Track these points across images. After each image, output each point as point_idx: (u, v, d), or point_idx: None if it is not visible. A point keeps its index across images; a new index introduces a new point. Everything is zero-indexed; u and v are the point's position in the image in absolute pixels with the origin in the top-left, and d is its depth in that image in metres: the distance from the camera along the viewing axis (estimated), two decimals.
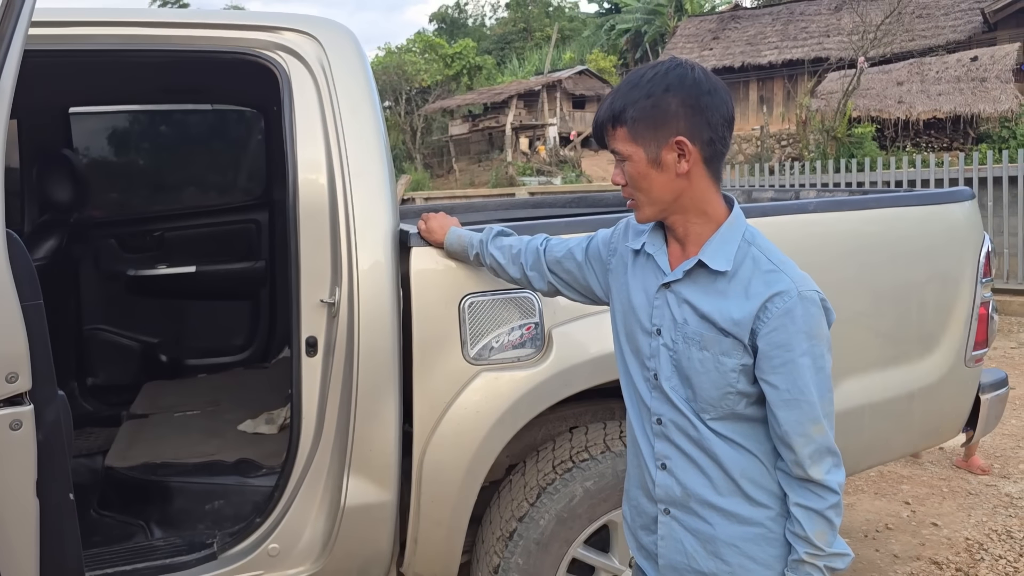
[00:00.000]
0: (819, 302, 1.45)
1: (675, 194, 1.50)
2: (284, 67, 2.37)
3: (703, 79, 1.46)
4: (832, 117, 15.77)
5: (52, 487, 1.47)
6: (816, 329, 1.43)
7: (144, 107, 4.19)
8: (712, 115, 1.46)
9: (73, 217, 3.54)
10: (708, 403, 1.49)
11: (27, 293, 1.41)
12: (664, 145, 1.46)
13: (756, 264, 1.48)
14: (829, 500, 1.44)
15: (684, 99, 1.44)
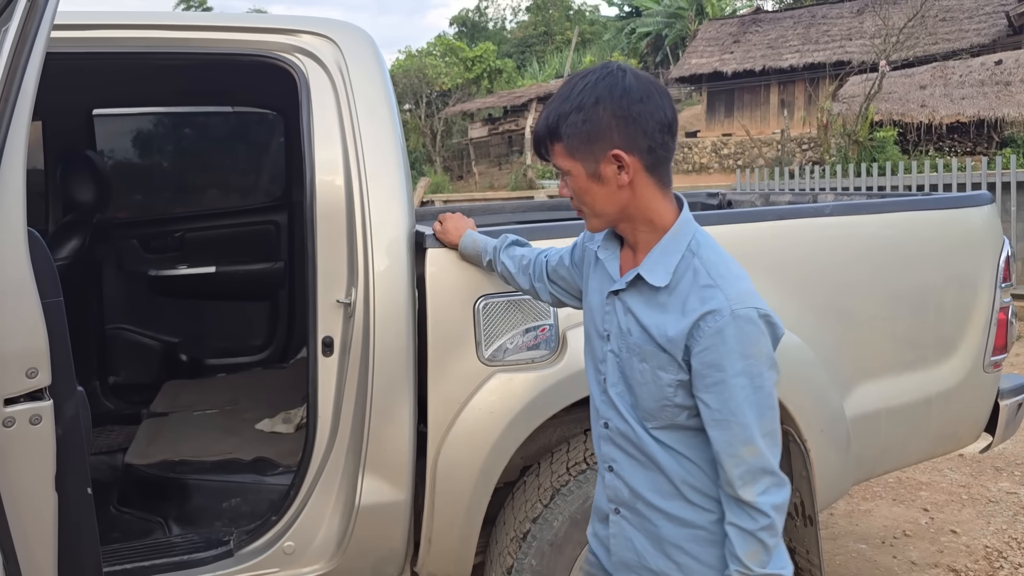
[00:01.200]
0: (757, 320, 1.38)
1: (619, 206, 1.48)
2: (302, 69, 2.39)
3: (634, 86, 1.42)
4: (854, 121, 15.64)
5: (70, 481, 1.50)
6: (752, 348, 1.38)
7: (166, 109, 4.25)
8: (647, 123, 1.42)
9: (96, 217, 3.59)
10: (648, 413, 1.49)
11: (48, 290, 1.44)
12: (601, 159, 1.43)
13: (695, 277, 1.43)
14: (761, 522, 1.39)
15: (615, 110, 1.41)
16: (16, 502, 1.39)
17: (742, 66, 25.43)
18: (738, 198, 4.15)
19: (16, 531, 1.39)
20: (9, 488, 1.37)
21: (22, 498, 1.40)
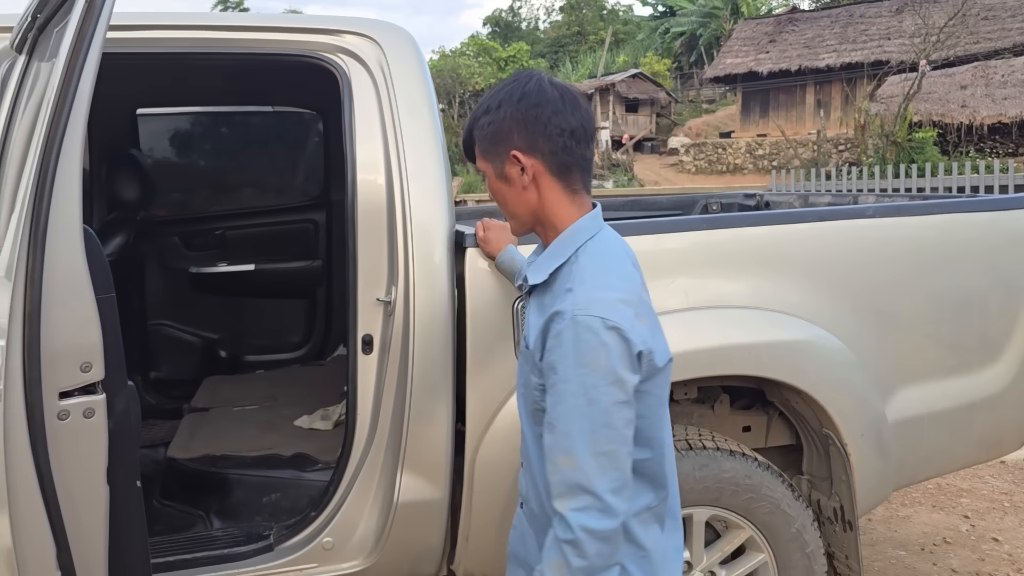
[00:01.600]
0: (599, 330, 1.33)
1: (527, 207, 1.51)
2: (344, 69, 2.42)
3: (534, 91, 1.46)
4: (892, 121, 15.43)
5: (121, 474, 1.53)
6: (588, 357, 1.33)
7: (207, 109, 4.31)
8: (547, 127, 1.45)
9: (139, 215, 3.65)
10: (528, 415, 1.50)
11: (101, 286, 1.47)
12: (505, 160, 1.48)
13: (565, 280, 1.43)
14: (564, 535, 1.33)
15: (513, 114, 1.46)
16: (69, 493, 1.42)
17: (778, 66, 25.18)
18: (775, 199, 4.11)
19: (69, 522, 1.43)
20: (63, 480, 1.40)
21: (75, 490, 1.43)
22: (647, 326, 1.42)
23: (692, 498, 2.41)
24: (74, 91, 1.38)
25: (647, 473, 1.51)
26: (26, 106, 1.99)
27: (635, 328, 1.37)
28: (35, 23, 2.01)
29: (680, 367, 2.41)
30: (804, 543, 2.50)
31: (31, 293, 1.33)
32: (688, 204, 4.14)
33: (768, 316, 2.46)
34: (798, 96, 25.62)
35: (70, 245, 1.40)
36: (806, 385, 2.45)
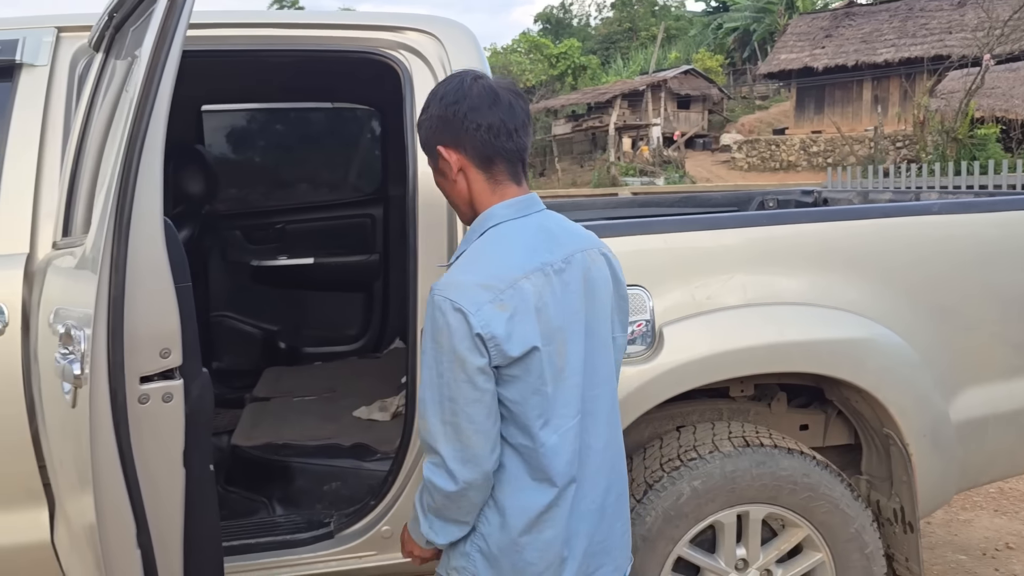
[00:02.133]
0: (446, 311, 1.46)
1: (461, 197, 1.65)
2: (406, 65, 2.45)
3: (452, 90, 1.60)
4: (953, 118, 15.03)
5: (195, 457, 1.58)
6: (436, 334, 1.47)
7: (268, 105, 4.40)
8: (464, 123, 1.57)
9: (204, 209, 3.75)
10: None
11: (179, 276, 1.52)
12: (436, 154, 1.63)
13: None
14: (424, 476, 1.54)
15: (436, 111, 1.61)
16: (149, 475, 1.48)
17: (834, 61, 24.72)
18: (834, 196, 4.05)
19: (148, 503, 1.48)
20: (143, 462, 1.46)
21: (154, 472, 1.49)
22: (507, 312, 1.48)
23: (749, 495, 2.40)
24: (156, 88, 1.43)
25: (529, 461, 1.56)
26: (103, 102, 2.07)
27: (483, 312, 1.46)
28: (111, 22, 2.08)
29: (736, 364, 2.42)
30: (863, 544, 2.47)
31: (115, 281, 1.39)
32: (743, 201, 4.11)
33: (828, 313, 2.43)
34: (854, 92, 25.13)
35: (152, 235, 1.46)
36: (867, 383, 2.42)
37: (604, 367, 1.68)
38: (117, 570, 1.47)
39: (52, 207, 2.20)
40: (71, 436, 1.62)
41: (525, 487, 1.56)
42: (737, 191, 4.74)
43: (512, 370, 1.50)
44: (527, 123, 1.65)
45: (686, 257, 2.42)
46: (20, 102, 2.27)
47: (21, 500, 2.16)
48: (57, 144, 2.26)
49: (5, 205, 2.21)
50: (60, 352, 1.53)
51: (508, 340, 1.47)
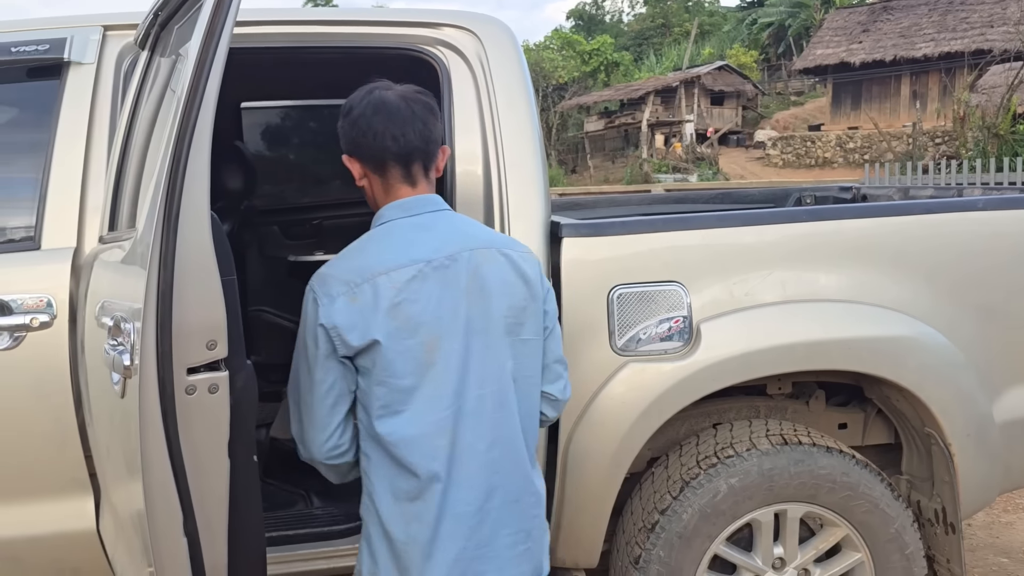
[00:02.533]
0: (308, 298, 1.65)
1: (370, 201, 1.82)
2: (444, 62, 2.46)
3: (347, 104, 1.75)
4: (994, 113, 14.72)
5: (240, 448, 1.61)
6: (302, 316, 1.67)
7: (305, 102, 4.43)
8: (355, 132, 1.72)
9: (243, 205, 3.80)
10: None
11: (224, 269, 1.55)
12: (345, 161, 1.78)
13: None
14: None
15: (340, 124, 1.76)
16: (195, 465, 1.51)
17: (871, 56, 24.37)
18: (873, 192, 4.00)
19: (195, 492, 1.51)
20: (190, 452, 1.48)
21: (200, 462, 1.52)
22: (356, 305, 1.59)
23: (787, 493, 2.39)
24: (204, 85, 1.45)
25: (386, 449, 1.64)
26: (148, 99, 2.10)
27: (335, 304, 1.60)
28: (156, 20, 2.12)
29: (775, 361, 2.41)
30: (903, 544, 2.44)
31: (164, 274, 1.42)
32: (781, 197, 4.07)
33: (869, 310, 2.40)
34: (892, 87, 24.76)
35: (199, 230, 1.49)
36: (908, 382, 2.39)
37: (496, 367, 1.68)
38: (164, 557, 1.50)
39: (98, 202, 2.25)
40: (120, 425, 1.66)
41: (388, 474, 1.64)
42: (773, 187, 4.70)
43: (361, 360, 1.62)
44: (416, 124, 1.71)
45: (724, 253, 2.41)
46: (68, 99, 2.32)
47: (68, 489, 2.21)
48: (103, 140, 2.31)
49: (53, 200, 2.26)
50: (110, 343, 1.56)
51: (350, 331, 1.59)
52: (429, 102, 1.77)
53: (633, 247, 2.37)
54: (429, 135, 1.74)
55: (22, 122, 2.49)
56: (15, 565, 2.25)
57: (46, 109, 2.32)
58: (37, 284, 2.18)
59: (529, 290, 1.74)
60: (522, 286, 1.73)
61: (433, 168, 1.79)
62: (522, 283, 1.73)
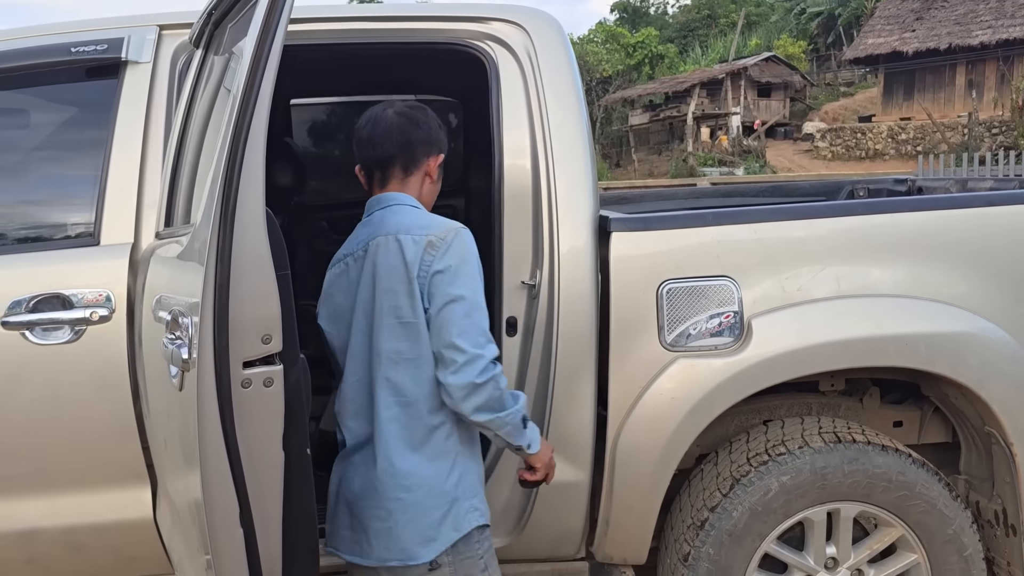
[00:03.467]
0: None
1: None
2: (492, 56, 2.46)
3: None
4: None
5: (294, 441, 1.63)
6: None
7: (352, 98, 4.47)
8: (354, 142, 2.07)
9: (293, 201, 3.84)
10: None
11: (279, 264, 1.57)
12: None
13: None
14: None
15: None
16: (251, 457, 1.53)
17: (925, 45, 23.78)
18: (929, 184, 3.90)
19: (250, 484, 1.54)
20: (245, 444, 1.51)
21: (256, 454, 1.54)
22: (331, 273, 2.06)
23: (840, 492, 2.35)
24: (259, 83, 1.48)
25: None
26: (202, 97, 2.14)
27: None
28: (210, 19, 2.15)
29: (828, 357, 2.37)
30: (962, 546, 2.38)
31: (221, 270, 1.44)
32: (832, 190, 3.99)
33: (927, 306, 2.35)
34: (947, 77, 24.14)
35: (255, 225, 1.51)
36: (968, 379, 2.33)
37: (387, 346, 1.88)
38: (221, 547, 1.53)
39: (154, 198, 2.29)
40: (178, 418, 1.69)
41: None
42: (825, 180, 4.61)
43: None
44: (394, 134, 1.98)
45: (776, 247, 2.37)
46: (125, 98, 2.37)
47: (126, 479, 2.27)
48: (159, 138, 2.35)
49: (112, 197, 2.31)
50: (168, 338, 1.60)
51: (321, 319, 2.09)
52: (416, 116, 2.02)
53: (682, 241, 2.35)
54: (408, 142, 1.99)
55: (81, 121, 2.55)
56: (77, 552, 2.31)
57: (104, 108, 2.38)
58: (96, 279, 2.24)
59: (407, 273, 1.85)
60: (402, 269, 1.85)
61: (416, 170, 2.03)
62: (403, 266, 1.85)
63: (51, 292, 2.21)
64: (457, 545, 1.89)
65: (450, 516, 1.88)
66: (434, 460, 1.89)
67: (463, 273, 1.85)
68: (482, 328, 1.84)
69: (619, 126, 31.21)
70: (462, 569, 1.91)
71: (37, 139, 2.63)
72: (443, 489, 1.88)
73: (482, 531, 1.96)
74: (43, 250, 2.38)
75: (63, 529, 2.28)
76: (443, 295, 1.83)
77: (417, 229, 1.89)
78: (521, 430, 1.91)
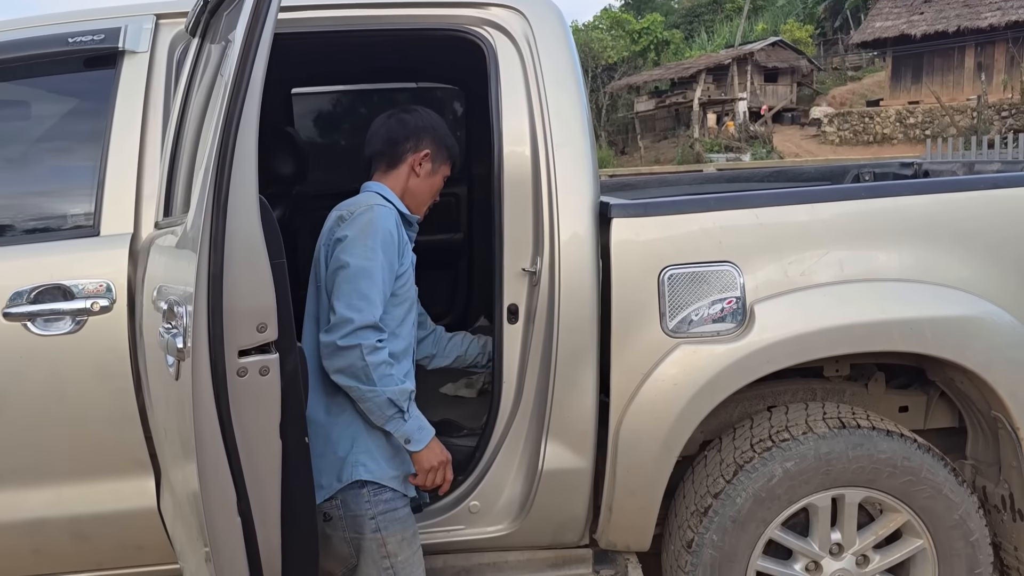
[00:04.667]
0: None
1: None
2: (491, 42, 2.44)
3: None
4: None
5: (291, 430, 1.63)
6: None
7: (351, 87, 4.45)
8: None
9: (294, 190, 3.83)
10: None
11: (274, 252, 1.56)
12: None
13: None
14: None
15: None
16: (247, 446, 1.53)
17: (933, 27, 23.58)
18: (936, 168, 3.87)
19: (248, 473, 1.54)
20: (242, 433, 1.51)
21: (252, 443, 1.54)
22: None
23: (845, 478, 2.34)
24: (250, 69, 1.46)
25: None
26: (200, 85, 2.13)
27: None
28: (206, 7, 2.14)
29: (832, 343, 2.35)
30: (968, 531, 2.37)
31: (214, 258, 1.44)
32: (838, 174, 3.96)
33: (933, 290, 2.33)
34: (955, 60, 23.94)
35: (248, 213, 1.50)
36: (975, 364, 2.31)
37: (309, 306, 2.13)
38: (219, 536, 1.53)
39: (154, 188, 2.29)
40: (175, 407, 1.69)
41: None
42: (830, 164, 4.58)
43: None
44: (382, 132, 2.29)
45: (779, 232, 2.35)
46: (123, 88, 2.36)
47: (129, 469, 2.28)
48: (157, 127, 2.35)
49: (111, 187, 2.31)
50: (164, 327, 1.59)
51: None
52: (403, 117, 2.29)
53: (684, 227, 2.33)
54: (391, 139, 2.26)
55: (80, 111, 2.54)
56: (82, 541, 2.32)
57: (102, 98, 2.37)
58: (97, 269, 2.24)
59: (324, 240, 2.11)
60: (324, 238, 2.12)
61: (399, 164, 2.26)
62: (325, 235, 2.12)
63: (52, 283, 2.21)
64: (346, 500, 2.03)
65: (336, 467, 2.02)
66: (335, 415, 2.05)
67: (359, 243, 2.01)
68: (363, 294, 1.97)
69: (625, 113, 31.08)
70: (352, 525, 2.03)
71: (35, 130, 2.63)
72: (335, 442, 2.03)
73: (375, 491, 2.05)
74: (43, 241, 2.38)
75: (68, 519, 2.29)
76: (335, 261, 2.03)
77: (346, 205, 2.14)
78: (387, 414, 2.01)
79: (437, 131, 2.32)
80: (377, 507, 2.05)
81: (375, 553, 2.05)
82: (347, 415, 2.05)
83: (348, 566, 2.08)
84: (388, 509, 2.07)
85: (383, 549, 2.05)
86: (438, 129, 2.33)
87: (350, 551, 2.05)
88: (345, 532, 2.04)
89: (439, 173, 2.36)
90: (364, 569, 2.06)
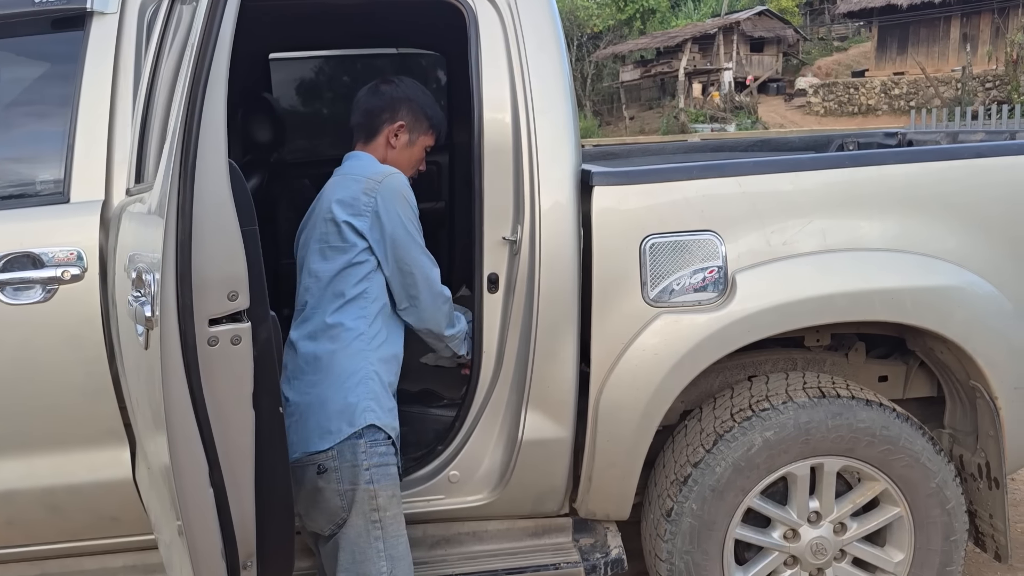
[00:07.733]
0: None
1: None
2: (471, 6, 2.38)
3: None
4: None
5: (265, 400, 1.60)
6: None
7: (332, 53, 4.37)
8: None
9: (273, 158, 3.77)
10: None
11: (245, 219, 1.52)
12: None
13: None
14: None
15: None
16: (219, 417, 1.50)
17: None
18: (920, 138, 3.86)
19: (220, 443, 1.51)
20: (214, 403, 1.48)
21: (224, 413, 1.51)
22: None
23: (824, 447, 2.35)
24: (217, 28, 1.41)
25: None
26: (171, 48, 2.07)
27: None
28: None
29: (813, 312, 2.34)
30: (944, 499, 2.39)
31: (182, 224, 1.40)
32: (822, 144, 3.93)
33: (914, 259, 2.32)
34: (941, 30, 23.92)
35: (217, 178, 1.46)
36: (954, 334, 2.31)
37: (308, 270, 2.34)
38: (191, 507, 1.51)
39: (125, 154, 2.23)
40: (145, 377, 1.66)
41: None
42: (815, 134, 4.56)
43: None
44: (360, 105, 2.38)
45: (761, 201, 2.33)
46: (92, 50, 2.29)
47: (104, 439, 2.24)
48: (128, 91, 2.28)
49: (81, 152, 2.25)
50: (132, 295, 1.55)
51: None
52: (383, 88, 2.34)
53: (666, 195, 2.31)
54: (367, 111, 2.35)
55: (47, 75, 2.47)
56: (55, 513, 2.29)
57: (71, 61, 2.30)
58: (67, 237, 2.18)
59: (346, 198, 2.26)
60: (342, 198, 2.27)
61: (378, 135, 2.35)
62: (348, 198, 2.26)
63: (21, 251, 2.15)
64: (343, 450, 2.05)
65: (347, 412, 2.07)
66: (346, 361, 2.14)
67: (412, 222, 2.25)
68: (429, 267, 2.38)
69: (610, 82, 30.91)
70: (348, 476, 2.05)
71: (1, 95, 2.55)
72: (347, 388, 2.09)
73: (371, 443, 2.08)
74: (12, 208, 2.32)
75: (41, 490, 2.26)
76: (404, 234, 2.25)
77: (365, 173, 2.26)
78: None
79: (414, 101, 2.33)
80: (372, 459, 2.08)
81: (366, 505, 2.06)
82: (357, 361, 2.13)
83: (337, 522, 2.07)
84: (382, 463, 2.10)
85: (374, 502, 2.06)
86: (416, 99, 2.33)
87: (342, 504, 2.05)
88: (340, 484, 2.04)
89: (418, 144, 2.38)
90: (353, 521, 2.06)
